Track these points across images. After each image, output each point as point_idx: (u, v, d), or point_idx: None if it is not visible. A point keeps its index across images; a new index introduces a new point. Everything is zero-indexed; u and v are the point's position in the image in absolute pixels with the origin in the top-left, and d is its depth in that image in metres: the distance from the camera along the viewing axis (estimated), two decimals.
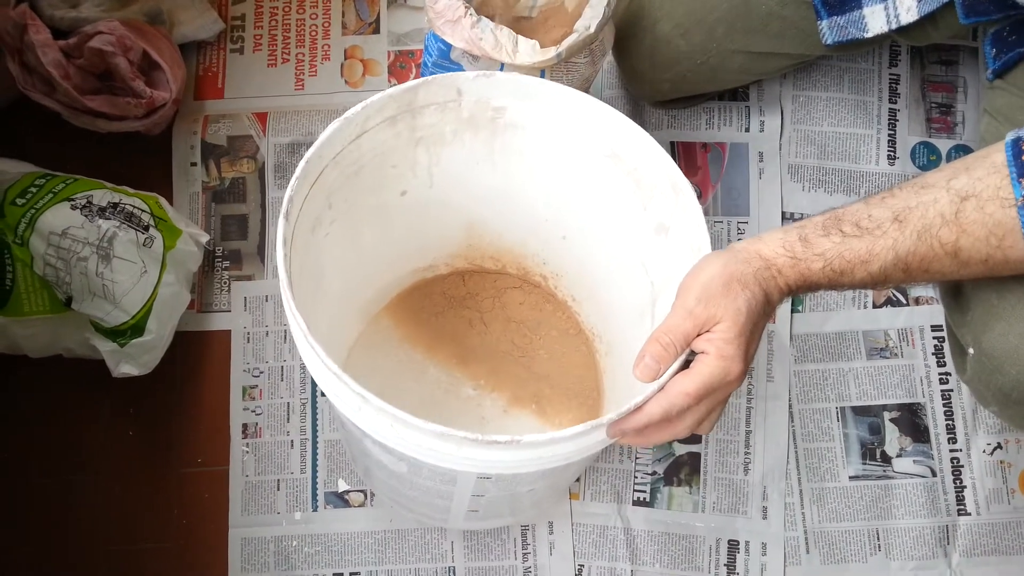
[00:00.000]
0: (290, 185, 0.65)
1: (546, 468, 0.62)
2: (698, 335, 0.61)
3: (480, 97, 0.73)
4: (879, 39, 0.88)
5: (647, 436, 0.63)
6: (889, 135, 1.07)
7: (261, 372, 0.98)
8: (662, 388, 0.61)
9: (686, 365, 0.62)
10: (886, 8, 0.86)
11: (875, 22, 0.87)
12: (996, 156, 0.61)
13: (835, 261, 0.62)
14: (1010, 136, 0.62)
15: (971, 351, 0.72)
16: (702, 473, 0.97)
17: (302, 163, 0.66)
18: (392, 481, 0.77)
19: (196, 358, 0.98)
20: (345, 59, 1.08)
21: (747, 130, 1.05)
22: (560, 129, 0.75)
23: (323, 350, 0.59)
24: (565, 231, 0.85)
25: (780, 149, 1.05)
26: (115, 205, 0.90)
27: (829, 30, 0.89)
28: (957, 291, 0.74)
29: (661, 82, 0.97)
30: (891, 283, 0.64)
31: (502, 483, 0.70)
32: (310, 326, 0.60)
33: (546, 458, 0.61)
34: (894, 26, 0.86)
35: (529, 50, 0.81)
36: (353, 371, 0.60)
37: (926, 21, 0.85)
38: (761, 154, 1.05)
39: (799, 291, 0.64)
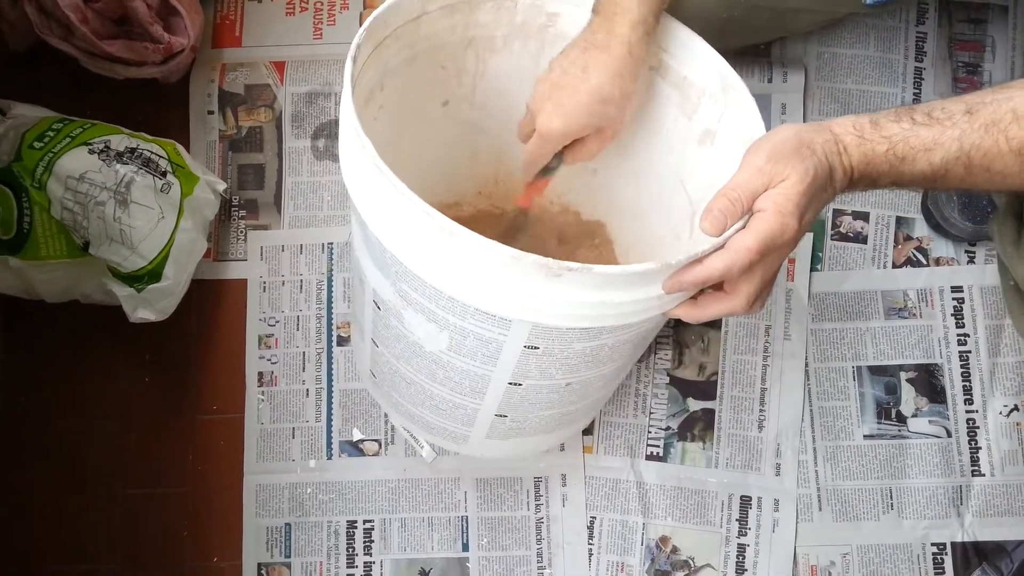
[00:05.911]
0: (357, 34, 0.64)
1: (599, 326, 0.62)
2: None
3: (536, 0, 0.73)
4: None
5: (704, 307, 0.63)
6: (915, 94, 1.05)
7: (277, 321, 0.98)
8: (723, 246, 0.60)
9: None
10: None
11: None
12: None
13: (899, 145, 0.62)
14: None
15: None
16: (716, 429, 0.97)
17: (368, 20, 0.66)
18: (421, 376, 0.76)
19: (212, 306, 0.98)
20: (364, 8, 1.07)
21: (770, 81, 1.04)
22: None
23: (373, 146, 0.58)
24: (596, 162, 0.85)
25: (804, 104, 1.04)
26: (133, 150, 0.90)
27: None
28: None
29: None
30: (952, 181, 0.62)
31: (545, 363, 0.69)
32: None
33: (607, 305, 0.60)
34: None
35: None
36: None
37: None
38: (784, 106, 1.03)
39: (861, 179, 0.63)
